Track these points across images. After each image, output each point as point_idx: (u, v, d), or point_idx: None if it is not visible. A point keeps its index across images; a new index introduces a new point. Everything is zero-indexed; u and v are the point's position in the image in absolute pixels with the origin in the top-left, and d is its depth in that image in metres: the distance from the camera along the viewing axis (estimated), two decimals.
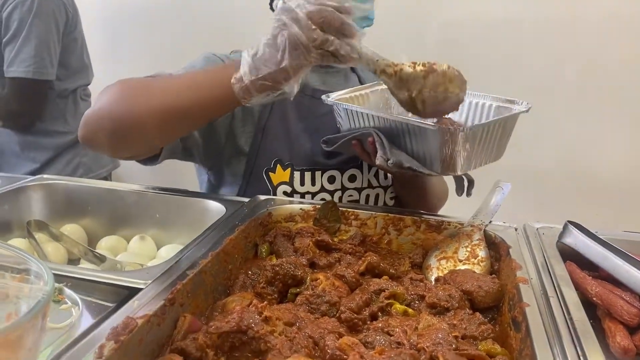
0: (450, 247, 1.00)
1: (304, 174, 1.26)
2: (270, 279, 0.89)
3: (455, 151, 0.97)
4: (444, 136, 0.96)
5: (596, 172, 2.35)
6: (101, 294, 0.82)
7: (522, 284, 0.83)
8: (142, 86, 1.02)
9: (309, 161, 1.26)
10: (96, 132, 1.03)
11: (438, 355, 0.68)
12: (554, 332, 0.70)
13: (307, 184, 1.26)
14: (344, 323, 0.79)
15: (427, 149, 1.01)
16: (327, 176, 1.27)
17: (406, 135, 1.04)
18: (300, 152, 1.26)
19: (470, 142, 0.97)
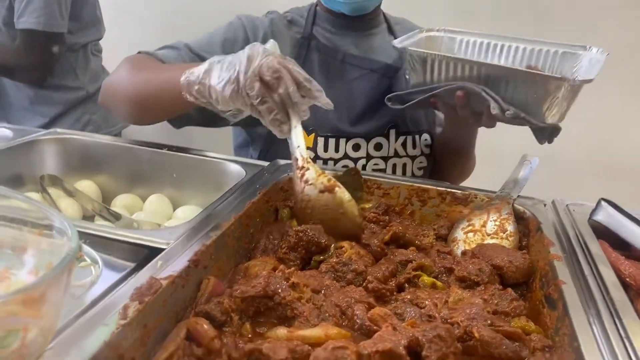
0: (478, 220, 0.97)
1: (327, 140, 1.22)
2: (293, 245, 0.86)
3: (559, 100, 0.98)
4: (556, 85, 0.97)
5: (619, 151, 2.30)
6: (121, 252, 0.79)
7: (556, 261, 0.80)
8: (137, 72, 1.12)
9: (333, 128, 1.22)
10: (111, 103, 1.17)
11: (473, 331, 0.65)
12: (593, 312, 0.67)
13: (331, 151, 1.22)
14: (371, 293, 0.76)
15: (529, 98, 1.01)
16: (351, 144, 1.24)
17: (508, 85, 1.03)
18: (324, 119, 1.22)
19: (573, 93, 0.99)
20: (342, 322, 0.71)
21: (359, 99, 1.25)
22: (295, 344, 0.63)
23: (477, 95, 1.06)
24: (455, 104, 1.10)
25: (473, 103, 1.08)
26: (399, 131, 1.29)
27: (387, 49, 1.31)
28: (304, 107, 0.89)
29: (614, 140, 2.31)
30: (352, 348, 0.60)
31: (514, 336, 0.66)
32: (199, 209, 1.15)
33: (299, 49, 1.26)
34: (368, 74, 1.25)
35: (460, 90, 1.07)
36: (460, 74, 1.08)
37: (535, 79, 1.01)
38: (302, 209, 0.91)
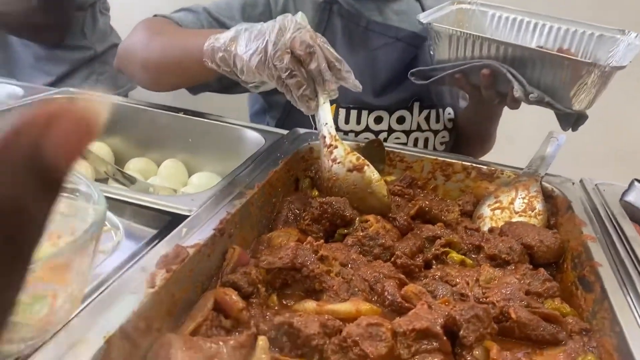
0: (506, 197, 0.94)
1: (349, 112, 1.18)
2: (317, 217, 0.84)
3: (588, 86, 0.95)
4: (585, 70, 0.94)
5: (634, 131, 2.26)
6: (142, 218, 0.77)
7: (590, 241, 0.78)
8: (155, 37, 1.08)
9: (355, 100, 1.18)
10: (127, 68, 1.15)
11: (510, 312, 0.63)
12: (633, 295, 0.65)
13: (352, 123, 1.19)
14: (400, 269, 0.74)
15: (557, 82, 0.98)
16: (373, 116, 1.20)
17: (534, 67, 0.99)
18: (346, 90, 1.18)
19: (604, 80, 0.95)
20: (370, 298, 0.69)
21: (383, 69, 1.20)
22: (326, 318, 0.61)
23: (502, 76, 1.02)
24: (479, 83, 1.06)
25: (498, 83, 1.05)
26: (423, 105, 1.25)
27: (412, 16, 1.27)
28: (333, 87, 0.86)
29: (625, 122, 2.27)
30: (387, 325, 0.58)
31: (551, 318, 0.64)
32: (215, 175, 1.12)
33: (320, 14, 1.21)
34: (393, 42, 1.21)
35: (486, 68, 1.03)
36: (486, 53, 1.04)
37: (564, 63, 0.97)
38: (329, 187, 0.88)
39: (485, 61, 1.03)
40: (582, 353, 0.60)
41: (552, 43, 1.14)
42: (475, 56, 1.05)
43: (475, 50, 1.05)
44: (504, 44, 1.02)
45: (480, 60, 1.04)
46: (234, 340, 0.58)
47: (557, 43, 1.13)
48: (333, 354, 0.58)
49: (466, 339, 0.58)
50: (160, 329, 0.58)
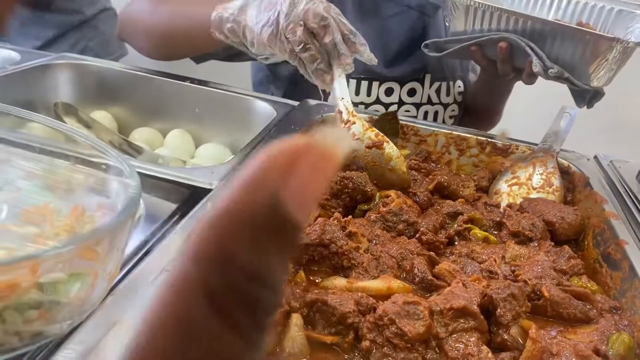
0: (524, 173, 0.93)
1: (360, 83, 1.16)
2: (336, 192, 0.82)
3: (608, 63, 0.94)
4: (607, 45, 0.92)
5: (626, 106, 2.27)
6: (161, 191, 0.74)
7: (613, 219, 0.78)
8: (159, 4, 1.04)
9: (366, 70, 1.15)
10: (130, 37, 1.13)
11: (542, 290, 0.63)
12: None
13: (362, 94, 1.16)
14: (425, 245, 0.73)
15: (576, 57, 0.96)
16: (384, 88, 1.18)
17: (554, 41, 0.97)
18: (357, 60, 1.15)
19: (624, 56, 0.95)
20: (399, 275, 0.68)
21: (395, 38, 1.17)
22: (360, 295, 0.60)
23: (519, 50, 1.01)
24: (495, 57, 1.04)
25: (515, 57, 1.03)
26: (434, 77, 1.23)
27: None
28: (349, 60, 0.84)
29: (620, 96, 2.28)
30: (425, 304, 0.57)
31: (582, 296, 0.64)
32: (223, 147, 1.09)
33: None
34: (405, 11, 1.18)
35: (503, 41, 1.01)
36: (505, 26, 1.02)
37: (585, 38, 0.96)
38: (347, 163, 0.87)
39: (503, 34, 1.01)
40: (615, 331, 0.60)
41: (570, 17, 1.12)
42: (492, 29, 1.03)
43: (493, 22, 1.03)
44: (523, 16, 1.00)
45: (498, 33, 1.02)
46: None
47: (575, 17, 1.11)
48: (369, 332, 0.57)
49: (503, 317, 0.58)
50: None
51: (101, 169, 0.57)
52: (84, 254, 0.45)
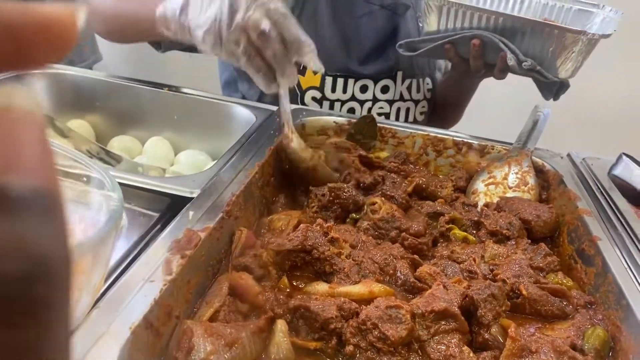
0: (500, 172, 0.95)
1: (336, 80, 1.17)
2: (326, 204, 0.83)
3: (575, 55, 0.97)
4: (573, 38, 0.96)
5: (592, 102, 2.33)
6: (142, 201, 0.74)
7: (586, 216, 0.80)
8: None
9: (342, 67, 1.17)
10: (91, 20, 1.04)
11: (521, 288, 0.65)
12: (635, 270, 0.68)
13: (339, 91, 1.17)
14: (408, 249, 0.74)
15: (545, 51, 0.99)
16: (359, 85, 1.19)
17: (524, 36, 1.00)
18: (333, 57, 1.16)
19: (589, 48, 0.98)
20: (382, 279, 0.69)
21: (368, 36, 1.19)
22: (342, 301, 0.61)
23: (491, 46, 1.03)
24: (468, 54, 1.07)
25: (487, 53, 1.06)
26: (405, 74, 1.25)
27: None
28: (293, 73, 0.80)
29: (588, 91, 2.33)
30: (407, 307, 0.59)
31: (559, 293, 0.66)
32: (203, 154, 1.09)
33: None
34: (377, 10, 1.19)
35: (476, 38, 1.04)
36: (477, 24, 1.05)
37: (554, 32, 0.99)
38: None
39: (476, 31, 1.03)
40: (590, 326, 0.62)
41: (532, 15, 1.16)
42: (465, 27, 1.06)
43: (466, 21, 1.05)
44: (494, 13, 1.02)
45: (471, 31, 1.04)
46: (254, 325, 0.57)
47: (537, 15, 1.15)
48: (352, 336, 0.58)
49: (484, 317, 0.59)
50: (179, 316, 0.57)
51: (82, 181, 0.57)
52: None
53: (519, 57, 1.01)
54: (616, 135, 2.21)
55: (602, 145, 1.90)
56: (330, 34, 1.17)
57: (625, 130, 2.27)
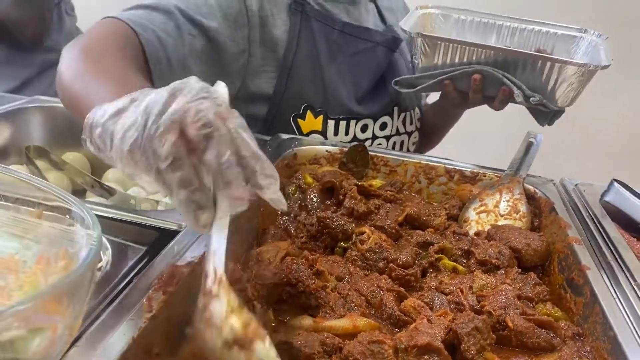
0: (491, 200, 0.95)
1: (338, 123, 1.16)
2: (315, 234, 0.83)
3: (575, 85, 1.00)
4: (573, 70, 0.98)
5: (597, 130, 2.33)
6: (129, 235, 0.74)
7: (576, 244, 0.79)
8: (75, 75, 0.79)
9: (344, 109, 1.15)
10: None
11: (507, 321, 0.64)
12: (623, 300, 0.67)
13: (341, 134, 1.17)
14: (396, 280, 0.74)
15: (545, 82, 1.01)
16: (360, 125, 1.19)
17: (524, 69, 1.02)
18: (334, 99, 1.15)
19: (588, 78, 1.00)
20: (368, 312, 0.69)
21: (366, 75, 1.19)
22: (325, 336, 0.61)
23: (491, 80, 1.05)
24: (467, 88, 1.08)
25: (487, 87, 1.07)
26: (400, 108, 1.26)
27: (372, 17, 1.27)
28: (243, 193, 0.52)
29: (589, 117, 2.33)
30: (389, 343, 0.58)
31: (546, 325, 0.66)
32: None
33: (293, 16, 1.15)
34: (373, 47, 1.19)
35: (478, 73, 1.05)
36: (474, 58, 1.06)
37: (555, 65, 1.01)
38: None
39: (477, 67, 1.05)
40: (577, 358, 0.62)
41: (517, 42, 1.18)
42: (462, 62, 1.06)
43: (463, 56, 1.06)
44: (493, 49, 1.04)
45: (472, 66, 1.05)
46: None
47: (522, 43, 1.17)
48: None
49: (467, 352, 0.59)
50: (159, 353, 0.56)
51: (65, 218, 0.58)
52: (43, 309, 0.45)
53: (525, 92, 1.02)
54: (614, 161, 2.21)
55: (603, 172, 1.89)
56: (329, 74, 1.16)
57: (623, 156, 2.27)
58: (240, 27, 1.07)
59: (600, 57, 1.05)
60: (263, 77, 1.14)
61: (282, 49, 1.13)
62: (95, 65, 0.78)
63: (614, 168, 1.97)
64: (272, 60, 1.13)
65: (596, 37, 1.09)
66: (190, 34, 0.98)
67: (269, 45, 1.12)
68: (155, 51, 0.89)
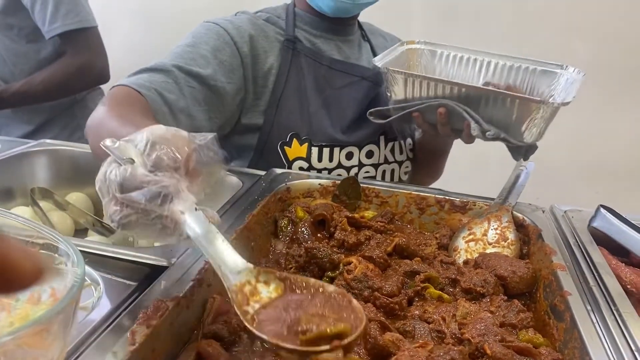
0: (479, 229, 0.97)
1: (322, 150, 1.21)
2: (303, 264, 0.85)
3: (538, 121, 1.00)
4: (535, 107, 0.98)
5: (600, 156, 2.32)
6: (121, 271, 0.77)
7: (560, 270, 0.80)
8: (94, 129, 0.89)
9: (327, 137, 1.21)
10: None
11: (485, 348, 0.65)
12: (602, 324, 0.67)
13: (325, 160, 1.21)
14: (380, 309, 0.76)
15: (509, 118, 1.02)
16: (345, 152, 1.23)
17: (487, 104, 1.03)
18: (318, 128, 1.21)
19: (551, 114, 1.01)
20: None
21: (350, 106, 1.24)
22: None
23: (457, 113, 1.08)
24: (435, 121, 1.11)
25: (453, 120, 1.10)
26: (387, 138, 1.29)
27: (364, 54, 1.32)
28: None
29: (596, 142, 2.33)
30: None
31: (525, 351, 0.66)
32: None
33: (284, 53, 1.22)
34: (358, 81, 1.25)
35: (442, 107, 1.08)
36: (441, 93, 1.09)
37: (515, 101, 1.02)
38: None
39: (441, 100, 1.08)
40: None
41: (499, 78, 1.21)
42: (430, 95, 1.10)
43: (430, 90, 1.10)
44: (456, 84, 1.07)
45: (437, 100, 1.09)
46: None
47: (503, 78, 1.20)
48: None
49: None
50: None
51: (55, 257, 0.61)
52: (25, 343, 0.47)
53: (482, 126, 1.04)
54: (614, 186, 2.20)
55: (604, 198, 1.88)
56: (315, 105, 1.22)
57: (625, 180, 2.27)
58: (236, 69, 1.15)
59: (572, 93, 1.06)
60: (255, 110, 1.20)
61: (271, 83, 1.19)
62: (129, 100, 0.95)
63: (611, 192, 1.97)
64: (264, 94, 1.21)
65: (575, 74, 1.12)
66: (189, 85, 1.08)
67: (261, 81, 1.19)
68: (159, 107, 1.00)
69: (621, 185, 2.25)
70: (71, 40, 1.84)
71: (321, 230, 0.98)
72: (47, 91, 1.88)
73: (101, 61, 1.93)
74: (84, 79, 1.93)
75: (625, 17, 2.15)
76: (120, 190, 0.57)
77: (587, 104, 2.23)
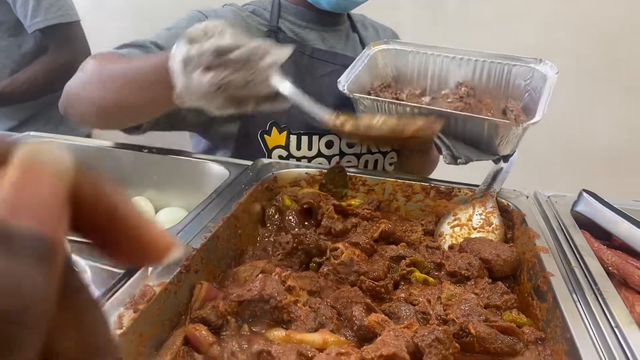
0: (464, 214, 0.98)
1: (300, 137, 1.21)
2: (290, 251, 0.86)
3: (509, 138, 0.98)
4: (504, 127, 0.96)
5: (585, 141, 2.35)
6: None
7: (542, 253, 0.82)
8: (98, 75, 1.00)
9: (305, 125, 1.20)
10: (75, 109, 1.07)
11: (469, 327, 0.66)
12: (582, 302, 0.69)
13: (304, 149, 1.21)
14: (367, 292, 0.77)
15: (481, 136, 0.99)
16: (324, 141, 1.23)
17: (457, 125, 1.00)
18: (296, 116, 1.20)
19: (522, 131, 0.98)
20: (340, 324, 0.71)
21: (330, 94, 1.22)
22: (303, 346, 0.63)
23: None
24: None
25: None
26: None
27: (351, 45, 1.32)
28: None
29: (582, 131, 2.36)
30: (356, 355, 0.60)
31: (508, 330, 0.68)
32: (182, 210, 1.13)
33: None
34: (339, 69, 1.24)
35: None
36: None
37: (484, 123, 0.98)
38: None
39: None
40: None
41: (472, 74, 1.18)
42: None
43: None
44: (424, 109, 1.02)
45: None
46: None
47: (477, 74, 1.16)
48: None
49: None
50: None
51: None
52: None
53: (453, 153, 1.00)
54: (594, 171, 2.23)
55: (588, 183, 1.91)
56: None
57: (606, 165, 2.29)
58: None
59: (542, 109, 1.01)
60: None
61: None
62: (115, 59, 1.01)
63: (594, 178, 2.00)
64: None
65: (549, 69, 1.09)
66: None
67: None
68: None
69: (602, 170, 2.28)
70: (54, 35, 1.82)
71: (308, 218, 0.99)
72: (31, 91, 1.87)
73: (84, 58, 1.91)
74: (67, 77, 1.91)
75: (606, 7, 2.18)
76: (217, 55, 0.75)
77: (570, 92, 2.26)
